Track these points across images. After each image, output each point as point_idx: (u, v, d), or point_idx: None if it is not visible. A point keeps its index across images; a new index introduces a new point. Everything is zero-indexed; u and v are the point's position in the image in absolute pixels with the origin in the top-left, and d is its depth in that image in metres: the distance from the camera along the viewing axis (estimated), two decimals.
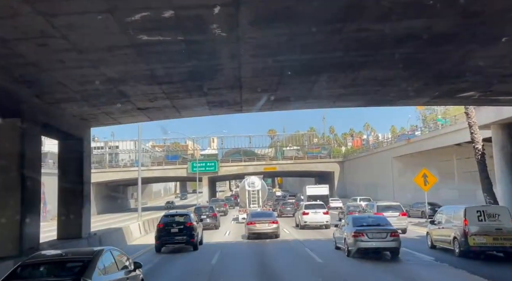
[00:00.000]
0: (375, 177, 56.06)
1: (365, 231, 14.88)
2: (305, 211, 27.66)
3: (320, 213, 27.48)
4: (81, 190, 16.29)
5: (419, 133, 48.86)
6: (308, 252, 17.18)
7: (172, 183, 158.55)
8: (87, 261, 7.10)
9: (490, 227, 14.14)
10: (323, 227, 26.99)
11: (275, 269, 14.17)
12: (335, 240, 17.70)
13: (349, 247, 15.22)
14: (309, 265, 14.47)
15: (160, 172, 71.78)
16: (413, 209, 35.92)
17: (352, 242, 14.97)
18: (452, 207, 17.15)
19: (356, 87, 14.68)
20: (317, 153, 74.71)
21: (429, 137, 40.83)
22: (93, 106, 14.57)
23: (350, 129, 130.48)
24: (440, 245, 16.55)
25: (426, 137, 41.53)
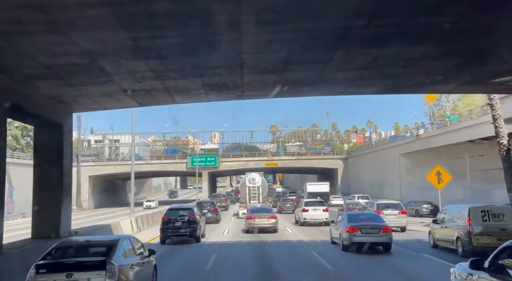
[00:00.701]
0: (381, 174, 54.09)
1: (358, 226, 15.81)
2: (305, 208, 28.02)
3: (319, 210, 27.86)
4: (60, 183, 14.36)
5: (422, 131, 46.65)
6: (316, 256, 15.27)
7: (172, 178, 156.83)
8: (110, 245, 8.32)
9: (495, 227, 13.86)
10: (323, 224, 26.92)
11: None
12: (331, 235, 18.51)
13: (344, 241, 16.11)
14: (320, 275, 12.56)
15: (159, 166, 69.94)
16: (407, 207, 34.55)
17: (346, 237, 15.89)
18: (455, 206, 16.95)
19: (376, 69, 12.70)
20: (320, 149, 72.67)
21: (440, 133, 38.80)
22: (71, 86, 12.61)
23: (353, 126, 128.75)
24: (442, 244, 16.20)
25: (436, 133, 39.50)
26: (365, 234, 15.73)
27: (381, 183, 54.14)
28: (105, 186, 73.74)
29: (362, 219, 16.61)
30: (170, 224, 19.37)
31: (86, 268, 7.67)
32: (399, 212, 24.01)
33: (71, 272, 7.50)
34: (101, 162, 69.94)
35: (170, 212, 20.28)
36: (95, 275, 7.56)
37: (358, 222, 16.15)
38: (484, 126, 32.96)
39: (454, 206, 17.60)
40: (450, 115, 50.81)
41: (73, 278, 7.46)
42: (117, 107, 15.88)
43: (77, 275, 7.50)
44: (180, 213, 19.97)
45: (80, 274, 7.54)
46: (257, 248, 17.90)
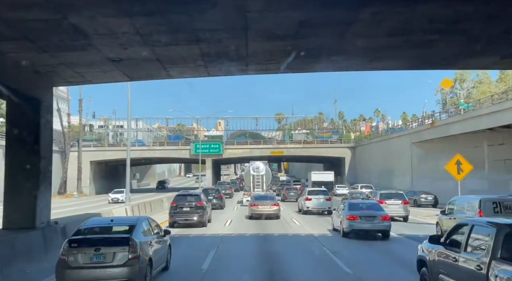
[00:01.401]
0: (390, 164, 52.02)
1: (358, 214, 16.59)
2: (308, 197, 28.32)
3: (322, 199, 28.15)
4: (37, 167, 12.47)
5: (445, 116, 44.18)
6: (329, 255, 13.36)
7: (176, 165, 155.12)
8: (131, 225, 9.39)
9: None
10: (325, 213, 27.18)
11: None
12: (333, 223, 19.20)
13: (344, 228, 16.83)
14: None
15: (162, 153, 68.23)
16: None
17: (347, 224, 16.64)
18: (466, 197, 16.84)
19: (406, 35, 10.62)
20: (328, 138, 70.52)
21: (457, 121, 36.55)
22: (44, 51, 10.63)
23: (360, 115, 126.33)
24: None
25: (453, 121, 37.26)
26: (365, 221, 16.57)
27: (390, 172, 52.10)
28: (107, 172, 72.20)
29: (362, 208, 17.47)
30: (178, 209, 20.52)
31: (111, 243, 8.74)
32: (402, 202, 24.17)
33: (99, 247, 8.57)
34: (102, 148, 68.32)
35: (178, 198, 21.46)
36: (120, 249, 8.60)
37: (358, 210, 16.97)
38: (506, 113, 30.83)
39: (464, 197, 17.64)
40: (464, 103, 48.52)
41: (101, 252, 8.53)
42: (104, 81, 13.90)
43: (104, 250, 8.55)
44: (188, 199, 21.06)
45: (107, 248, 8.58)
46: (261, 244, 16.05)
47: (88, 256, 8.51)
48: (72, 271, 8.43)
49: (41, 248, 11.90)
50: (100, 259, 8.52)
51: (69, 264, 8.46)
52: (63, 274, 8.48)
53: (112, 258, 8.53)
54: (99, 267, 8.51)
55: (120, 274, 8.53)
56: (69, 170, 63.95)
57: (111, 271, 8.52)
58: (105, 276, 8.52)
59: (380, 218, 16.65)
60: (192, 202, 20.72)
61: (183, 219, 20.30)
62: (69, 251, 8.53)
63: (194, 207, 20.50)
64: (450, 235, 7.74)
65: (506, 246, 6.27)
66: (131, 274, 8.56)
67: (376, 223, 16.65)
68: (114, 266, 8.51)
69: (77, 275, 8.46)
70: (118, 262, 8.52)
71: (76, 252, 8.52)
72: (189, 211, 20.39)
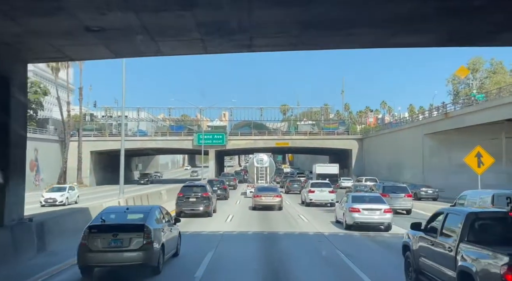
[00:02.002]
0: (400, 156, 50.07)
1: (361, 207, 16.74)
2: (311, 189, 28.54)
3: (325, 191, 28.27)
4: (5, 156, 10.73)
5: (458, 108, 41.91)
6: (344, 260, 11.58)
7: (180, 156, 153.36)
8: (145, 213, 10.33)
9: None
10: (328, 205, 27.30)
11: None
12: (336, 215, 19.39)
13: (347, 221, 17.07)
14: None
15: (164, 143, 66.54)
16: None
17: (349, 217, 16.84)
18: (477, 192, 16.49)
19: (441, 1, 8.73)
20: (334, 129, 68.49)
21: (474, 111, 34.49)
22: (5, 15, 8.79)
23: (366, 107, 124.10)
24: None
25: (469, 111, 35.22)
26: (367, 214, 16.74)
27: (400, 165, 50.17)
28: (108, 162, 70.60)
29: (365, 200, 17.57)
30: (184, 200, 21.33)
31: (128, 230, 9.39)
32: (405, 195, 24.29)
33: (116, 233, 9.23)
34: (103, 137, 66.65)
35: (185, 189, 22.33)
36: (135, 235, 9.23)
37: (361, 203, 17.07)
38: None
39: (476, 191, 17.12)
40: (477, 93, 46.37)
41: (118, 237, 9.20)
42: (86, 57, 12.14)
43: (121, 235, 9.22)
44: (194, 190, 21.91)
45: (123, 234, 9.23)
46: (266, 245, 14.32)
47: (107, 241, 9.19)
48: (92, 254, 9.15)
49: (8, 249, 10.22)
50: (117, 244, 9.21)
51: (89, 247, 9.14)
52: (84, 257, 9.22)
53: (129, 243, 9.20)
54: (116, 251, 9.20)
55: (136, 258, 9.19)
56: (69, 160, 62.42)
57: (127, 255, 9.19)
58: (122, 259, 9.21)
59: (382, 211, 16.85)
60: (198, 193, 21.58)
61: (190, 209, 21.08)
62: (89, 236, 9.22)
63: (200, 198, 21.32)
64: (429, 222, 8.51)
65: (472, 231, 7.06)
66: (145, 258, 9.20)
67: (379, 216, 16.89)
68: (130, 250, 9.18)
69: (97, 257, 9.19)
70: (134, 247, 9.19)
71: (96, 237, 9.21)
72: (195, 202, 21.21)
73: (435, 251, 7.77)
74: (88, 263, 9.30)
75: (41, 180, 55.51)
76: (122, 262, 9.27)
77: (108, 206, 12.45)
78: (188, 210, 20.98)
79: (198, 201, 21.18)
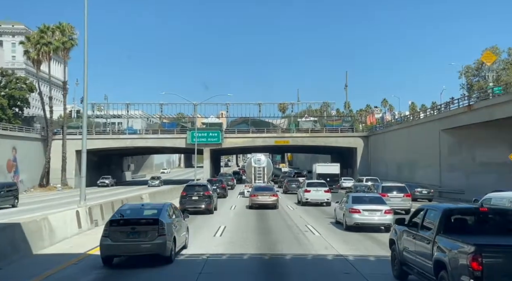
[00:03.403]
0: (413, 155, 45.62)
1: (361, 208, 16.74)
2: (307, 188, 29.14)
3: (321, 191, 28.86)
4: None
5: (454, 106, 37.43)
6: None
7: (176, 156, 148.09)
8: (159, 209, 11.53)
9: None
10: (324, 204, 28.07)
11: None
12: (336, 216, 19.21)
13: (347, 222, 17.05)
14: None
15: (155, 142, 62.00)
16: None
17: (349, 218, 16.86)
18: (507, 194, 15.10)
19: None
20: (338, 126, 63.94)
21: (504, 102, 30.01)
22: None
23: (367, 105, 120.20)
24: None
25: (498, 102, 30.74)
26: (368, 215, 16.57)
27: (412, 165, 45.76)
28: (96, 162, 65.82)
29: (365, 201, 17.37)
30: (187, 198, 22.85)
31: (144, 223, 10.82)
32: (404, 195, 24.09)
33: (134, 226, 10.70)
34: (90, 136, 61.63)
35: (188, 188, 23.93)
36: (151, 228, 10.65)
37: (361, 204, 16.92)
38: None
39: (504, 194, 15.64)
40: (494, 86, 42.01)
41: (136, 230, 10.63)
42: None
43: (139, 228, 10.67)
44: (196, 189, 23.47)
45: (140, 227, 10.68)
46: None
47: (126, 233, 10.55)
48: (113, 245, 10.48)
49: None
50: (135, 236, 10.54)
51: (110, 240, 10.48)
52: (106, 247, 10.54)
53: (145, 235, 10.54)
54: (134, 243, 10.52)
55: (151, 248, 10.54)
56: (53, 160, 57.83)
57: (144, 246, 10.51)
58: (139, 249, 10.57)
59: (383, 212, 16.65)
60: (200, 192, 23.19)
61: (192, 206, 22.20)
62: (110, 229, 10.61)
63: (202, 196, 22.91)
64: (412, 218, 9.19)
65: (447, 224, 7.78)
66: (160, 249, 10.57)
67: (379, 217, 16.66)
68: (147, 241, 10.50)
69: (118, 248, 10.56)
70: (150, 239, 10.50)
71: (116, 230, 10.58)
72: (197, 200, 22.76)
73: (416, 244, 8.38)
74: (109, 253, 10.55)
75: (20, 181, 50.80)
76: (139, 252, 10.55)
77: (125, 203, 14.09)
78: (191, 207, 21.89)
79: (200, 200, 22.79)
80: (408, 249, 8.70)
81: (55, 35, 55.43)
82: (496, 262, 6.39)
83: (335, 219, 19.12)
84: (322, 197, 28.52)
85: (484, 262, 6.30)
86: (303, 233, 16.35)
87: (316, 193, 28.67)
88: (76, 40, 58.49)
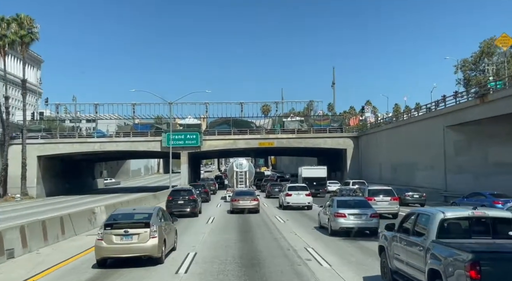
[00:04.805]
0: (411, 155, 41.26)
1: (347, 212, 16.64)
2: (288, 192, 29.20)
3: (302, 194, 29.01)
4: None
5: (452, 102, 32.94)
6: None
7: (154, 161, 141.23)
8: (149, 213, 12.32)
9: None
10: (305, 208, 28.59)
11: None
12: (320, 220, 19.07)
13: (332, 226, 16.85)
14: None
15: (126, 145, 56.32)
16: None
17: (334, 222, 16.68)
18: None
19: None
20: (326, 126, 59.41)
21: None
22: None
23: (351, 107, 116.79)
24: None
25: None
26: (353, 219, 16.59)
27: (411, 166, 41.34)
28: (62, 169, 59.95)
29: (350, 205, 17.36)
30: (173, 202, 24.80)
31: (136, 226, 11.55)
32: (391, 198, 23.66)
33: (127, 229, 11.44)
34: (53, 139, 55.90)
35: (174, 192, 26.40)
36: (143, 231, 11.44)
37: (347, 208, 16.89)
38: None
39: None
40: (493, 81, 37.98)
41: (129, 233, 11.39)
42: None
43: (131, 231, 11.42)
44: (182, 193, 25.62)
45: (133, 230, 11.43)
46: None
47: (119, 236, 11.35)
48: (107, 247, 11.33)
49: None
50: (128, 239, 11.37)
51: (104, 242, 11.32)
52: (100, 249, 11.37)
53: (137, 238, 11.38)
54: (127, 244, 11.35)
55: (143, 250, 11.40)
56: (12, 167, 51.61)
57: (136, 247, 11.35)
58: (132, 250, 11.38)
59: (369, 216, 16.63)
60: (185, 196, 24.81)
61: (178, 210, 23.52)
62: (105, 232, 11.38)
63: (187, 200, 24.56)
64: (402, 223, 8.84)
65: (441, 230, 7.42)
66: (151, 250, 11.44)
67: (365, 221, 16.60)
68: (138, 243, 11.35)
69: (112, 250, 11.38)
70: (142, 241, 11.36)
71: (110, 233, 11.36)
72: (183, 204, 24.37)
73: (407, 251, 8.06)
74: (104, 255, 11.46)
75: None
76: (132, 253, 11.45)
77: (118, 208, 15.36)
78: (177, 211, 23.09)
79: (186, 204, 24.45)
80: (398, 257, 8.56)
81: (11, 28, 49.63)
82: (495, 270, 5.96)
83: (319, 224, 19.08)
84: (303, 200, 28.83)
85: (482, 270, 5.88)
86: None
87: (298, 196, 28.89)
88: (37, 34, 52.79)
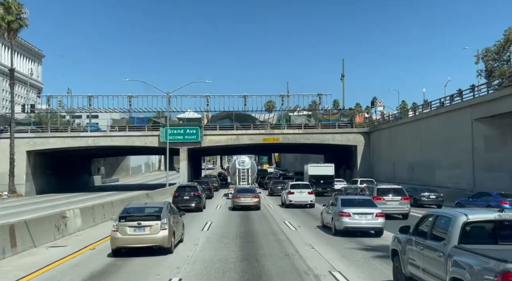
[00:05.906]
0: (431, 152, 37.48)
1: (351, 211, 16.18)
2: (291, 190, 29.03)
3: (305, 192, 28.97)
4: None
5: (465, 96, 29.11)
6: None
7: (156, 157, 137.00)
8: (160, 207, 13.57)
9: None
10: (307, 206, 28.70)
11: None
12: (323, 219, 18.78)
13: (336, 226, 16.43)
14: None
15: (122, 140, 52.80)
16: None
17: (339, 221, 16.26)
18: None
19: None
20: (335, 121, 55.66)
21: None
22: None
23: (356, 103, 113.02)
24: None
25: None
26: (358, 218, 16.15)
27: (431, 164, 37.54)
28: (54, 165, 56.43)
29: (355, 204, 17.02)
30: (179, 198, 26.40)
31: (148, 219, 12.71)
32: (402, 198, 22.56)
33: (140, 221, 12.60)
34: (44, 134, 52.36)
35: (180, 188, 28.17)
36: (154, 223, 12.57)
37: (351, 207, 16.49)
38: None
39: None
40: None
41: (142, 224, 12.54)
42: None
43: (144, 223, 12.56)
44: (187, 190, 27.39)
45: (145, 222, 12.58)
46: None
47: (133, 228, 12.49)
48: (122, 238, 12.43)
49: None
50: (141, 230, 12.51)
51: (119, 233, 12.44)
52: (116, 240, 12.47)
53: (149, 229, 12.50)
54: (140, 235, 12.49)
55: (155, 241, 12.52)
56: (0, 163, 48.25)
57: (148, 238, 12.48)
58: (144, 241, 12.49)
59: (374, 215, 16.23)
60: (191, 192, 27.02)
61: (184, 205, 24.67)
62: (120, 224, 12.48)
63: (193, 196, 26.74)
64: (417, 226, 8.24)
65: (464, 234, 6.81)
66: (162, 241, 12.56)
67: (370, 221, 16.24)
68: (150, 234, 12.47)
69: (126, 240, 12.48)
70: (153, 232, 12.49)
71: (124, 225, 12.49)
72: (188, 199, 26.42)
73: (425, 256, 7.51)
74: (119, 245, 12.53)
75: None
76: (144, 243, 12.50)
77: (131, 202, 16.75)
78: (182, 206, 23.70)
79: (191, 199, 26.42)
80: (414, 262, 7.86)
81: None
82: None
83: (322, 223, 18.94)
84: (306, 199, 28.69)
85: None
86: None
87: (300, 195, 28.68)
88: (26, 20, 49.29)
